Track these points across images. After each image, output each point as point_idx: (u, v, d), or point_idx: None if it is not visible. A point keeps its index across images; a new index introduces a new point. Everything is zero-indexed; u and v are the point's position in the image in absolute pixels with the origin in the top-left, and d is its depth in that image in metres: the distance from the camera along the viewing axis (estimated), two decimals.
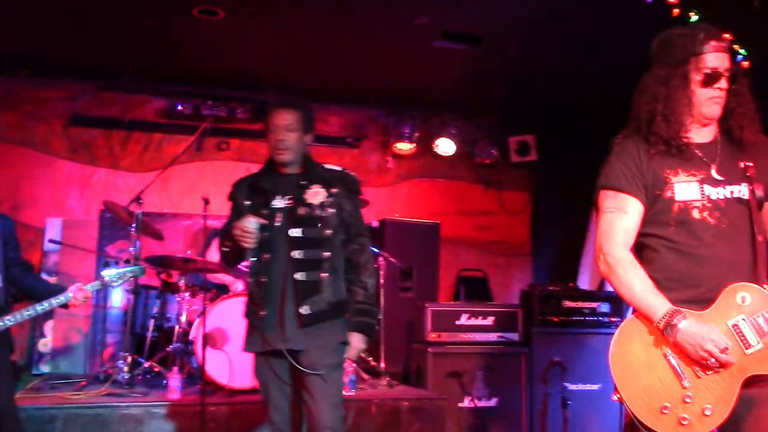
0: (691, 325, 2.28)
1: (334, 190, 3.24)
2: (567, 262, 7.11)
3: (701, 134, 2.50)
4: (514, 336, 5.61)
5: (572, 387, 5.46)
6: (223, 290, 5.53)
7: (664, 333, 2.31)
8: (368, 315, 3.24)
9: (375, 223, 6.13)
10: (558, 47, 5.68)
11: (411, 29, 5.38)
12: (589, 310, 5.82)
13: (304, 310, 3.08)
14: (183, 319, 5.14)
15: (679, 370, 2.32)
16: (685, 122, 2.45)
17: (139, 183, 6.26)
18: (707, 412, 2.28)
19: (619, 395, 2.35)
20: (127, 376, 4.79)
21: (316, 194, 3.20)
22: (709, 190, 2.42)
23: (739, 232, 2.42)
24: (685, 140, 2.45)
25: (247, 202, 3.24)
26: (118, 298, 6.30)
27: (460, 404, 5.30)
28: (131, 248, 5.08)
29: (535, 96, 6.86)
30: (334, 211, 3.21)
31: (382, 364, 5.59)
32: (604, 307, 5.83)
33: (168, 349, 5.07)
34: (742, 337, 2.31)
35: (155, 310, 5.47)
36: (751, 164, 2.44)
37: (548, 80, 6.41)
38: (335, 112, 7.20)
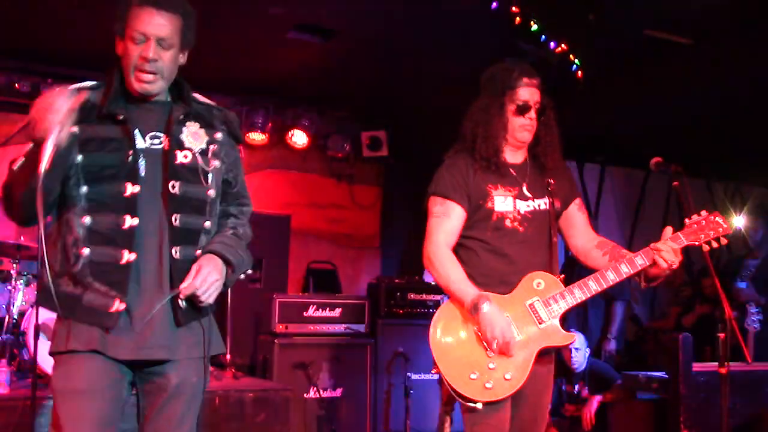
0: (492, 311, 2.71)
1: (217, 135, 2.36)
2: (414, 256, 7.27)
3: (515, 156, 2.96)
4: (361, 327, 5.72)
5: (415, 377, 5.63)
6: None
7: (471, 313, 2.73)
8: (230, 242, 2.34)
9: None
10: (409, 46, 5.81)
11: (264, 19, 5.34)
12: (433, 302, 6.03)
13: (182, 301, 2.21)
14: (14, 309, 4.85)
15: (486, 344, 2.72)
16: (501, 144, 2.89)
17: None
18: (507, 377, 2.71)
19: (437, 369, 2.74)
20: None
21: (196, 136, 2.30)
22: (519, 204, 2.90)
23: (540, 237, 2.91)
24: (502, 160, 2.90)
25: (75, 129, 2.13)
26: None
27: (305, 395, 5.34)
28: None
29: (387, 93, 6.99)
30: (218, 164, 2.33)
31: (228, 356, 5.52)
32: None
33: None
34: (537, 314, 2.79)
35: None
36: (552, 182, 2.96)
37: (400, 78, 6.55)
38: None
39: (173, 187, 2.22)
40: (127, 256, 2.15)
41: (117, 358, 2.17)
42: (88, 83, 2.28)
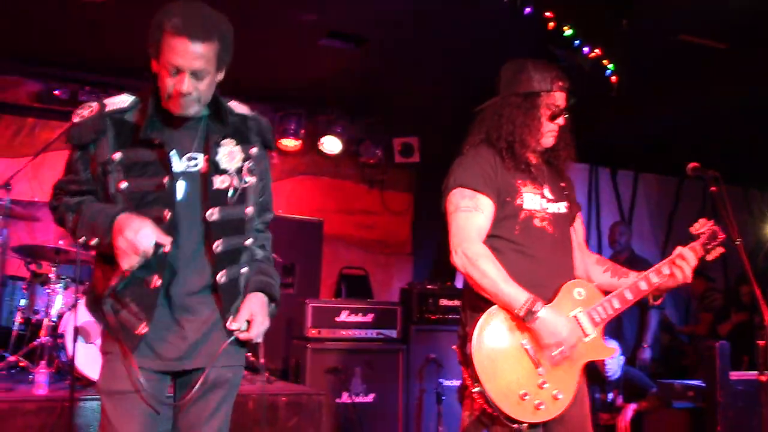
0: (550, 314, 2.51)
1: (253, 150, 2.36)
2: (446, 262, 7.26)
3: (533, 158, 2.79)
4: (393, 333, 5.72)
5: (447, 383, 5.61)
6: None
7: (524, 319, 2.50)
8: (270, 275, 2.40)
9: None
10: (441, 52, 5.83)
11: (297, 26, 5.39)
12: None
13: (233, 323, 2.26)
14: (53, 311, 4.94)
15: (535, 359, 2.52)
16: (536, 148, 2.76)
17: (9, 168, 5.95)
18: (559, 396, 2.52)
19: (480, 387, 2.48)
20: None
21: (232, 155, 2.29)
22: (546, 204, 2.73)
23: (564, 240, 2.77)
24: (529, 161, 2.75)
25: (118, 156, 2.15)
26: None
27: (337, 400, 5.36)
28: None
29: (419, 99, 7.01)
30: (254, 180, 2.34)
31: (261, 360, 5.56)
32: None
33: (35, 342, 4.86)
34: (581, 327, 2.63)
35: (23, 302, 5.22)
36: (565, 186, 2.84)
37: (431, 84, 6.57)
38: None
39: (212, 215, 2.23)
40: (156, 281, 2.17)
41: (157, 369, 2.23)
42: (125, 101, 2.28)
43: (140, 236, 2.05)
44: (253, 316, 2.27)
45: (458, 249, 2.62)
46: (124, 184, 2.17)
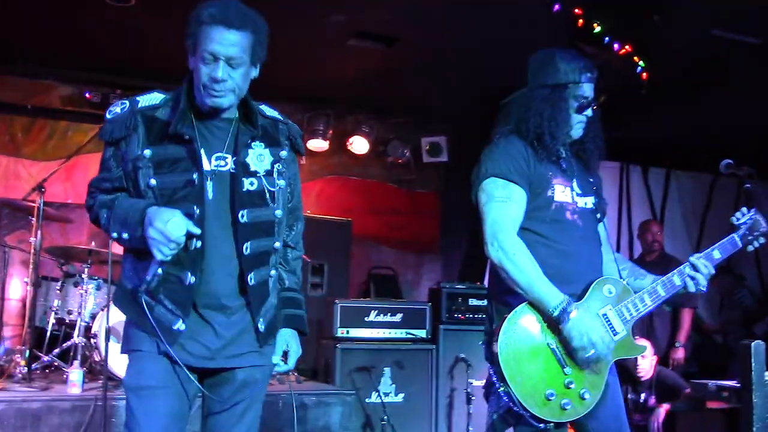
0: (583, 315, 2.46)
1: (282, 153, 2.38)
2: (474, 262, 7.28)
3: (563, 150, 2.72)
4: (422, 333, 5.71)
5: (477, 383, 5.59)
6: None
7: (559, 320, 2.45)
8: (301, 306, 2.51)
9: None
10: (470, 52, 5.80)
11: (326, 26, 5.40)
12: None
13: (262, 324, 2.32)
14: (85, 312, 5.00)
15: (561, 359, 2.49)
16: (565, 141, 2.70)
17: (42, 171, 6.05)
18: (585, 396, 2.49)
19: (505, 386, 2.44)
20: (24, 370, 4.64)
21: (261, 158, 2.30)
22: (575, 198, 2.68)
23: (593, 235, 2.72)
24: (560, 153, 2.69)
25: (148, 152, 2.20)
26: (16, 290, 6.07)
27: (367, 400, 5.36)
28: (32, 239, 4.92)
29: (447, 98, 6.99)
30: (283, 183, 2.35)
31: None
32: None
33: (69, 342, 4.93)
34: (610, 325, 2.57)
35: (56, 302, 5.30)
36: (593, 180, 2.79)
37: (459, 84, 6.54)
38: None
39: (242, 216, 2.23)
40: (190, 278, 2.18)
41: (187, 365, 2.22)
42: (157, 98, 2.30)
43: (171, 225, 2.07)
44: (288, 347, 2.44)
45: (494, 241, 2.54)
46: (154, 181, 2.18)
